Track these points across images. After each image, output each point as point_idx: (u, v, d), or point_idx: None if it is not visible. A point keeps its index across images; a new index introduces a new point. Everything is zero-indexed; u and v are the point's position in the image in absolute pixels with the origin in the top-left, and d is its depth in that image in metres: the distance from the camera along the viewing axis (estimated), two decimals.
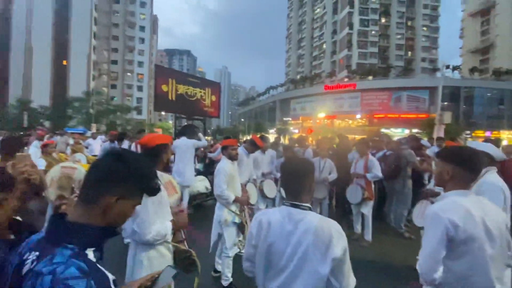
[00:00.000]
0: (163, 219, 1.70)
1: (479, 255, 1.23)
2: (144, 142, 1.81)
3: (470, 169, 1.33)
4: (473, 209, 1.26)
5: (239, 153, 3.91)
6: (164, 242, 1.71)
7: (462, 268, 1.25)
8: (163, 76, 5.61)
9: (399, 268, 3.43)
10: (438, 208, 1.30)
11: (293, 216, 1.19)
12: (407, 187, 4.59)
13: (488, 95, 40.32)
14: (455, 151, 1.44)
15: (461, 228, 1.22)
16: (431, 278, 1.27)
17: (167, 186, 1.97)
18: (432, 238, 1.27)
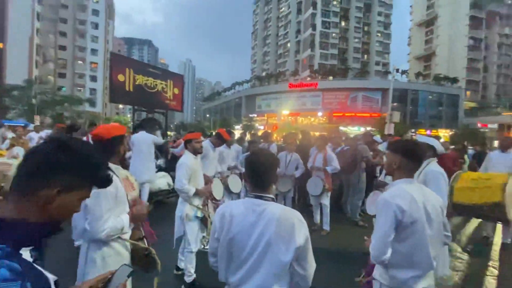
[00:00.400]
0: (118, 214, 1.58)
1: (421, 236, 1.38)
2: (98, 133, 1.66)
3: (413, 160, 1.49)
4: (416, 195, 1.40)
5: (205, 147, 3.83)
6: (120, 239, 1.60)
7: (407, 249, 1.39)
8: (120, 65, 5.19)
9: (355, 254, 3.68)
10: (388, 195, 1.43)
11: (256, 207, 1.20)
12: (362, 179, 4.97)
13: (430, 98, 45.34)
14: (401, 143, 1.59)
15: (407, 212, 1.36)
16: (381, 259, 1.38)
17: (123, 182, 1.84)
18: (383, 223, 1.40)
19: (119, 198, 1.58)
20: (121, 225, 1.56)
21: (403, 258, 1.39)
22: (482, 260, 3.67)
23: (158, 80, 5.91)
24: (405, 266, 1.39)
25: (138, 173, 4.77)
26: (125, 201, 1.67)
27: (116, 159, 1.74)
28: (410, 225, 1.36)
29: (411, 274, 1.39)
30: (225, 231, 1.21)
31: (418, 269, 1.40)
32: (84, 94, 45.38)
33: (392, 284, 1.42)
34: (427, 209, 1.40)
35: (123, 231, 1.59)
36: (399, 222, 1.37)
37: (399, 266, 1.40)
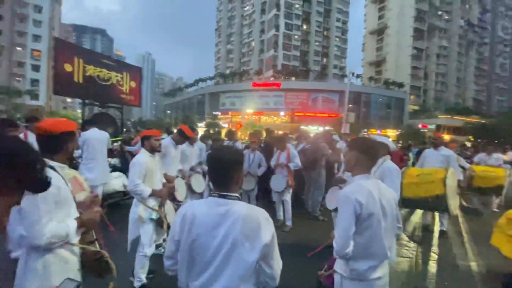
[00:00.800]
0: (62, 218, 1.40)
1: (377, 228, 1.47)
2: (44, 127, 1.48)
3: (370, 157, 1.58)
4: (373, 190, 1.49)
5: (166, 145, 3.63)
6: (66, 243, 1.42)
7: (365, 240, 1.47)
8: (67, 53, 4.62)
9: (315, 248, 3.86)
10: (348, 190, 1.51)
11: (220, 207, 1.15)
12: (322, 176, 5.21)
13: (380, 101, 49.65)
14: (358, 141, 1.68)
15: (365, 206, 1.44)
16: (345, 252, 1.44)
17: (71, 182, 1.64)
18: (345, 217, 1.46)
19: (62, 200, 1.40)
20: (66, 232, 1.38)
21: (361, 250, 1.46)
22: (425, 246, 4.10)
23: (112, 72, 5.41)
24: (363, 257, 1.47)
25: (89, 175, 4.37)
26: (71, 203, 1.49)
27: (63, 157, 1.57)
28: (368, 218, 1.44)
29: (368, 264, 1.47)
30: (186, 233, 1.13)
31: (374, 260, 1.48)
32: (25, 85, 40.06)
33: (351, 276, 1.49)
34: (382, 203, 1.49)
35: (68, 238, 1.41)
36: (358, 216, 1.44)
37: (357, 258, 1.47)
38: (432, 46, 62.13)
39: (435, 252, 3.93)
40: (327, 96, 45.66)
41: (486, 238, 3.27)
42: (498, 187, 5.44)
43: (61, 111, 45.04)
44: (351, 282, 1.49)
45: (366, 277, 1.47)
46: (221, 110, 50.04)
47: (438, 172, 4.10)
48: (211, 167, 1.23)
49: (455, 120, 44.56)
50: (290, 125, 35.64)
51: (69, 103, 55.71)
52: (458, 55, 64.24)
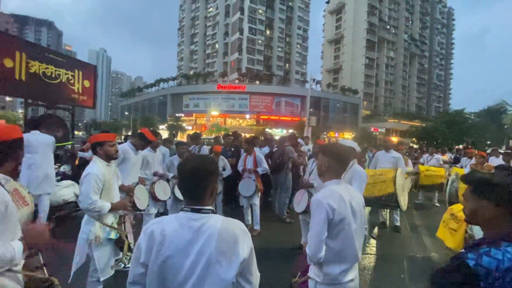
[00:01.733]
0: (7, 239, 1.20)
1: (348, 231, 1.51)
2: None
3: (340, 162, 1.62)
4: (344, 195, 1.53)
5: (125, 150, 3.36)
6: (9, 271, 1.22)
7: (338, 245, 1.49)
8: (7, 46, 3.99)
9: (287, 250, 3.92)
10: (320, 196, 1.52)
11: (193, 223, 1.06)
12: (289, 178, 5.32)
13: (338, 105, 53.06)
14: (329, 147, 1.69)
15: (337, 211, 1.46)
16: (318, 257, 1.45)
17: (12, 196, 1.42)
18: (317, 222, 1.47)
19: (9, 217, 1.20)
20: (11, 255, 1.19)
21: (334, 254, 1.49)
22: (380, 242, 4.43)
23: (62, 69, 4.83)
24: (336, 261, 1.50)
25: (33, 183, 3.86)
26: (16, 221, 1.29)
27: (9, 168, 1.38)
28: (340, 222, 1.47)
29: (341, 268, 1.50)
30: (155, 254, 1.02)
31: (346, 263, 1.52)
32: None
33: (325, 281, 1.50)
34: (353, 206, 1.54)
35: (13, 262, 1.21)
36: (330, 220, 1.46)
37: (330, 262, 1.49)
38: (382, 56, 68.39)
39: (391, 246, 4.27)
40: (290, 100, 47.33)
41: (433, 230, 3.65)
42: (440, 184, 6.25)
43: None
44: (325, 287, 1.52)
45: (339, 280, 1.49)
46: (184, 111, 48.57)
47: (389, 172, 4.51)
48: (183, 179, 1.12)
49: (402, 124, 49.58)
50: (255, 128, 36.00)
51: (8, 102, 48.97)
52: (403, 65, 71.70)
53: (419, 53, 75.85)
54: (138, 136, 3.56)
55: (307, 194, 3.63)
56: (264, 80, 52.50)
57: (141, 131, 3.60)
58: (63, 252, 2.16)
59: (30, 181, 3.85)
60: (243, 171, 4.59)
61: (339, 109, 53.81)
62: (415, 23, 73.94)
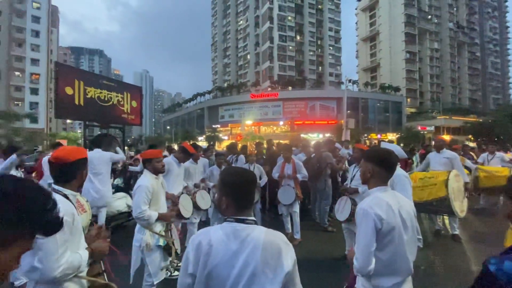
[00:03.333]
0: (75, 248, 1.37)
1: (399, 242, 1.40)
2: (58, 156, 1.49)
3: (386, 168, 1.52)
4: (391, 202, 1.43)
5: (169, 163, 3.58)
6: (75, 277, 1.37)
7: (387, 256, 1.40)
8: (67, 76, 4.66)
9: (330, 261, 3.75)
10: (366, 205, 1.43)
11: (239, 233, 1.07)
12: (328, 185, 5.14)
13: (378, 105, 49.95)
14: (374, 152, 1.60)
15: (385, 220, 1.38)
16: (367, 270, 1.36)
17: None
18: (365, 233, 1.39)
19: (76, 227, 1.39)
20: (79, 263, 1.35)
21: (384, 266, 1.39)
22: (433, 251, 3.99)
23: (113, 92, 5.43)
24: (387, 274, 1.40)
25: (93, 197, 4.32)
26: (81, 232, 1.48)
27: (77, 184, 1.58)
28: (388, 233, 1.38)
29: (392, 281, 1.40)
30: (202, 264, 1.04)
31: (398, 276, 1.41)
32: (23, 108, 40.34)
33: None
34: (402, 215, 1.43)
35: (80, 269, 1.37)
36: (378, 231, 1.38)
37: (380, 275, 1.40)
38: (424, 49, 63.21)
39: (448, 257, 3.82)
40: (325, 103, 45.99)
41: (500, 240, 3.18)
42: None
43: (61, 132, 45.12)
44: None
45: None
46: (220, 123, 50.28)
47: (441, 175, 4.08)
48: (226, 191, 1.15)
49: (453, 120, 44.75)
50: (290, 134, 35.66)
51: (69, 124, 55.98)
52: (450, 56, 65.28)
53: (469, 41, 68.46)
54: (180, 150, 3.79)
55: (350, 201, 3.46)
56: (296, 85, 52.08)
57: (182, 145, 3.83)
58: (121, 260, 2.39)
59: (91, 195, 4.32)
60: (280, 178, 4.55)
61: (380, 108, 50.52)
62: (460, 9, 67.23)
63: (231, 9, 69.17)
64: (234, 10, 68.58)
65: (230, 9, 69.23)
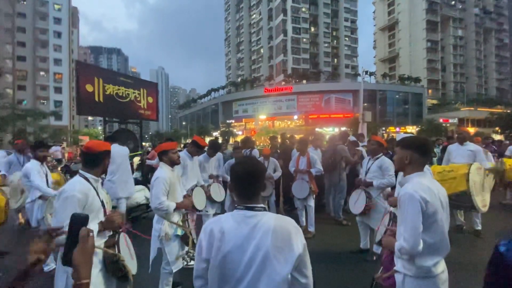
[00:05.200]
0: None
1: (440, 224, 1.47)
2: (89, 147, 1.86)
3: (424, 154, 1.57)
4: (432, 187, 1.49)
5: (182, 157, 3.67)
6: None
7: (431, 237, 1.46)
8: (87, 74, 4.86)
9: (345, 254, 3.72)
10: (410, 188, 1.48)
11: (249, 220, 1.12)
12: (343, 178, 5.07)
13: (397, 97, 48.12)
14: (411, 139, 1.64)
15: (430, 203, 1.44)
16: (417, 250, 1.41)
17: None
18: (412, 215, 1.43)
19: (90, 206, 1.69)
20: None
21: (428, 247, 1.45)
22: (456, 248, 3.86)
23: (130, 89, 5.61)
24: (429, 254, 1.46)
25: (114, 189, 4.50)
26: (99, 210, 1.77)
27: (100, 171, 1.89)
28: (432, 214, 1.44)
29: (434, 260, 1.47)
30: (216, 250, 1.10)
31: (439, 255, 1.49)
32: (48, 107, 42.45)
33: (417, 274, 1.47)
34: (440, 198, 1.50)
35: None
36: (423, 213, 1.43)
37: (424, 255, 1.45)
38: (447, 37, 60.02)
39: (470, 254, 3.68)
40: (340, 96, 44.88)
41: None
42: None
43: (83, 129, 47.25)
44: (415, 280, 1.48)
45: (433, 273, 1.47)
46: (234, 118, 50.53)
47: (461, 168, 3.90)
48: (235, 180, 1.21)
49: (479, 112, 42.37)
50: (304, 128, 35.26)
51: (90, 121, 58.36)
52: (476, 43, 61.61)
53: (496, 27, 64.18)
54: (192, 143, 3.86)
55: (364, 194, 3.41)
56: (311, 78, 51.14)
57: (193, 138, 3.90)
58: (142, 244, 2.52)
59: (112, 187, 4.52)
60: (295, 172, 4.54)
61: (399, 100, 48.53)
62: None
63: (244, 2, 68.67)
64: (247, 4, 68.03)
65: (243, 3, 68.73)
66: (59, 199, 1.66)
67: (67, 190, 1.67)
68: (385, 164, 3.38)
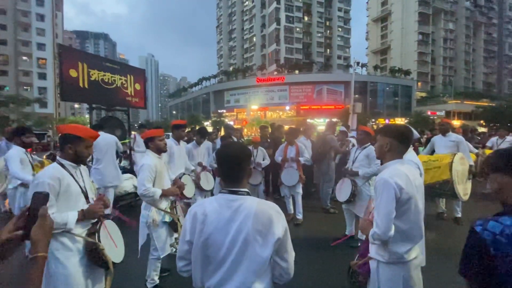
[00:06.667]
0: (66, 209, 1.66)
1: (415, 211, 1.49)
2: (57, 127, 1.88)
3: (403, 142, 1.58)
4: (409, 174, 1.51)
5: (169, 145, 3.64)
6: (68, 233, 1.65)
7: (404, 224, 1.48)
8: (71, 59, 4.66)
9: (331, 240, 3.81)
10: (386, 175, 1.50)
11: (231, 203, 1.14)
12: (331, 168, 5.15)
13: (387, 89, 48.65)
14: (392, 127, 1.66)
15: (405, 190, 1.45)
16: (387, 236, 1.44)
17: None
18: (386, 201, 1.45)
19: (64, 192, 1.65)
20: (64, 221, 1.60)
21: (401, 233, 1.48)
22: (436, 234, 4.02)
23: (116, 75, 5.43)
24: (402, 240, 1.49)
25: (101, 177, 4.43)
26: (78, 197, 1.73)
27: (68, 157, 1.78)
28: (406, 201, 1.46)
29: (407, 247, 1.49)
30: (198, 232, 1.12)
31: (412, 242, 1.51)
32: (32, 93, 40.86)
33: (390, 260, 1.50)
34: (417, 185, 1.53)
35: (67, 226, 1.62)
36: (397, 199, 1.45)
37: (397, 241, 1.48)
38: (438, 30, 60.48)
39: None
40: (332, 87, 45.01)
41: None
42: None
43: (70, 117, 45.83)
44: (388, 266, 1.52)
45: (405, 259, 1.50)
46: (226, 107, 50.05)
47: (445, 158, 4.04)
48: (219, 164, 1.22)
49: (465, 105, 43.44)
50: (296, 118, 35.38)
51: (77, 109, 56.63)
52: (465, 37, 62.39)
53: (486, 21, 64.98)
54: (172, 128, 3.82)
55: (350, 182, 3.48)
56: (303, 69, 50.87)
57: (172, 123, 3.87)
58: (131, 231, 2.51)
59: (97, 174, 4.44)
60: (283, 161, 4.58)
61: (389, 93, 49.09)
62: None
63: None
64: None
65: None
66: (31, 186, 1.65)
67: (38, 176, 1.65)
68: (372, 153, 3.44)
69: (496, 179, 1.02)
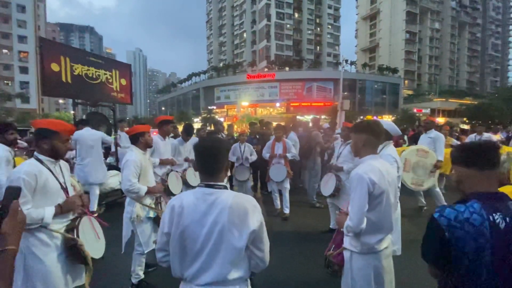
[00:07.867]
0: (39, 205, 1.62)
1: (386, 204, 1.58)
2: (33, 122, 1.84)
3: (377, 136, 1.66)
4: (382, 169, 1.58)
5: (155, 141, 3.62)
6: (46, 229, 1.63)
7: (376, 216, 1.56)
8: (53, 52, 4.51)
9: (317, 234, 3.92)
10: (361, 170, 1.57)
11: (208, 197, 1.17)
12: (317, 163, 5.25)
13: (375, 87, 49.55)
14: (364, 124, 1.73)
15: (377, 184, 1.53)
16: (359, 228, 1.52)
17: None
18: (359, 196, 1.53)
19: (42, 188, 1.62)
20: (40, 216, 1.58)
21: (372, 225, 1.56)
22: (415, 226, 4.18)
23: (101, 70, 5.29)
24: (373, 232, 1.57)
25: (84, 174, 4.36)
26: (57, 193, 1.71)
27: (45, 153, 1.74)
28: (379, 196, 1.54)
29: (377, 238, 1.58)
30: (176, 224, 1.16)
31: (383, 233, 1.61)
32: (13, 88, 39.30)
33: (362, 250, 1.59)
34: (389, 180, 1.60)
35: (43, 221, 1.60)
36: (370, 194, 1.53)
37: (368, 233, 1.56)
38: (425, 29, 61.82)
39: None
40: (322, 84, 45.46)
41: None
42: None
43: (54, 113, 44.36)
44: (360, 256, 1.60)
45: (376, 249, 1.58)
46: (216, 104, 49.67)
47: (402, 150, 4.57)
48: (197, 157, 1.24)
49: (450, 103, 44.72)
50: (286, 115, 35.55)
51: (62, 105, 54.89)
52: (451, 37, 64.07)
53: (470, 21, 66.89)
54: (159, 124, 3.79)
55: (335, 177, 3.57)
56: (294, 65, 51.04)
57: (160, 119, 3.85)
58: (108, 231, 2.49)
59: (83, 173, 4.37)
60: (271, 158, 4.64)
61: (377, 90, 50.04)
62: None
63: None
64: None
65: None
66: (7, 182, 1.64)
67: (14, 172, 1.63)
68: None
69: (456, 170, 1.10)
